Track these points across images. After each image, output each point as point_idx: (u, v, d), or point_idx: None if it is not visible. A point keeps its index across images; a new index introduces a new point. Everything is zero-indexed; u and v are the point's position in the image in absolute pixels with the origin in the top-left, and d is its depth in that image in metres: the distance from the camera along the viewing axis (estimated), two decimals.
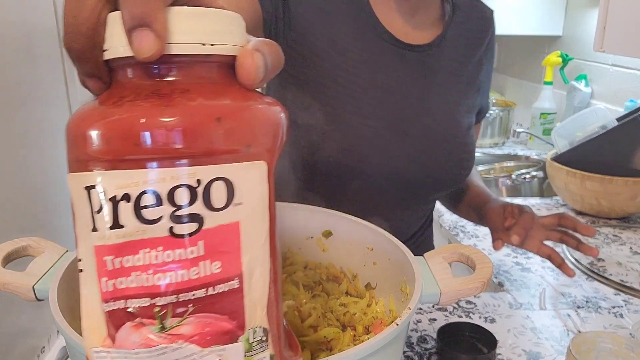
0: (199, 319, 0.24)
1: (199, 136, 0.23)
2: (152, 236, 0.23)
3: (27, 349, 0.82)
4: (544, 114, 1.81)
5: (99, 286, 0.24)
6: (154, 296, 0.23)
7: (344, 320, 0.58)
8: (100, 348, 0.24)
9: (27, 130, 0.94)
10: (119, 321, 0.23)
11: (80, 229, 0.25)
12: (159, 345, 0.23)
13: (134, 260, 0.23)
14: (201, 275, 0.23)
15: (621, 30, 1.01)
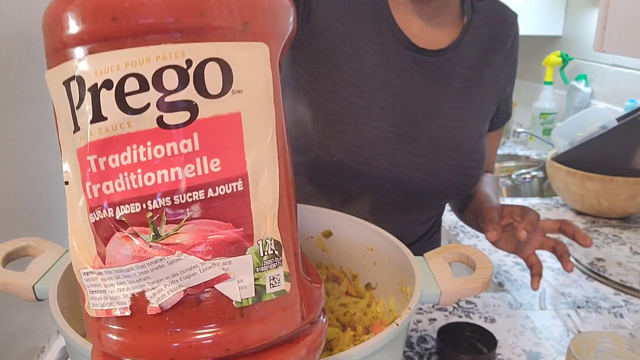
0: (199, 227, 0.20)
1: (187, 7, 0.20)
2: (138, 129, 0.20)
3: (27, 349, 0.82)
4: (544, 114, 1.81)
5: (84, 194, 0.21)
6: (145, 199, 0.20)
7: (344, 320, 0.58)
8: (89, 269, 0.22)
9: (26, 129, 0.94)
10: (108, 232, 0.21)
11: (63, 135, 0.22)
12: (153, 257, 0.20)
13: (120, 159, 0.20)
14: (198, 175, 0.20)
15: (621, 30, 1.01)
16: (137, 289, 0.20)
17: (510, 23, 0.78)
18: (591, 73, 1.72)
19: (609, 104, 1.62)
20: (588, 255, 0.99)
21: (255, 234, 0.21)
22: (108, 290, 0.21)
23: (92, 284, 0.22)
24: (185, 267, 0.20)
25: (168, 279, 0.20)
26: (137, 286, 0.20)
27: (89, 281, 0.22)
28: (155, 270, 0.20)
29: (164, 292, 0.20)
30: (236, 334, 0.21)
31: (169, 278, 0.20)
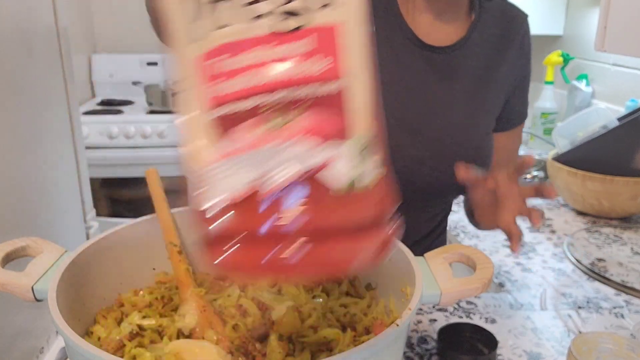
0: (313, 115, 0.23)
1: None
2: (256, 35, 0.23)
3: (26, 349, 0.82)
4: (545, 114, 1.80)
5: (204, 95, 0.23)
6: (264, 94, 0.22)
7: (344, 321, 0.58)
8: (211, 166, 0.24)
9: (26, 129, 0.94)
10: (229, 125, 0.23)
11: (177, 46, 0.24)
12: (274, 140, 0.23)
13: (239, 60, 0.23)
14: (308, 73, 0.23)
15: (622, 29, 1.00)
16: (256, 173, 0.22)
17: (520, 22, 0.79)
18: (592, 73, 1.72)
19: (610, 104, 1.61)
20: (589, 255, 0.99)
21: (358, 125, 0.25)
22: (229, 178, 0.23)
23: (214, 178, 0.24)
24: (302, 150, 0.23)
25: (286, 162, 0.23)
26: (256, 171, 0.23)
27: (213, 176, 0.24)
28: (275, 154, 0.22)
29: (281, 173, 0.23)
30: (338, 212, 0.24)
31: (287, 161, 0.23)
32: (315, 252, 0.23)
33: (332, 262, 0.25)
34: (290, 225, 0.23)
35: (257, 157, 0.22)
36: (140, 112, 2.18)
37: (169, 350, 0.49)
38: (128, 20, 2.52)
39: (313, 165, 0.23)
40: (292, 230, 0.23)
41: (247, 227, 0.24)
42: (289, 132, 0.23)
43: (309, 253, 0.23)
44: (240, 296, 0.60)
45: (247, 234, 0.24)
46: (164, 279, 0.64)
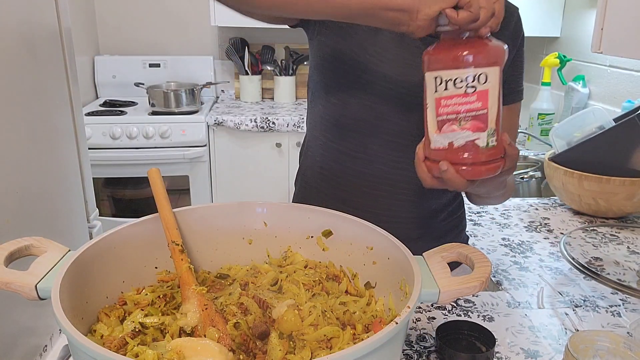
0: (472, 122, 0.57)
1: (488, 57, 0.56)
2: (457, 93, 0.56)
3: (29, 347, 0.82)
4: (542, 115, 1.81)
5: (436, 112, 0.58)
6: (457, 113, 0.57)
7: (343, 319, 0.58)
8: (435, 135, 0.59)
9: (29, 129, 0.94)
10: (443, 124, 0.58)
11: (430, 91, 0.58)
12: (457, 131, 0.57)
13: (451, 100, 0.57)
14: (472, 107, 0.56)
15: (619, 31, 1.01)
16: (449, 140, 0.58)
17: (510, 12, 0.84)
18: (589, 74, 1.73)
19: (607, 105, 1.62)
20: (586, 254, 1.00)
21: (489, 126, 0.58)
22: (440, 140, 0.59)
23: (435, 139, 0.59)
24: (467, 136, 0.57)
25: (462, 139, 0.57)
26: (449, 139, 0.58)
27: (435, 141, 0.59)
28: (457, 137, 0.58)
29: (460, 142, 0.58)
30: (485, 154, 0.59)
31: (462, 138, 0.57)
32: (476, 168, 0.59)
33: (483, 171, 0.59)
34: (468, 158, 0.58)
35: (453, 136, 0.58)
36: (142, 113, 2.19)
37: (171, 347, 0.50)
38: (131, 22, 2.53)
39: (474, 138, 0.57)
40: (469, 159, 0.58)
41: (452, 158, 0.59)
42: (463, 128, 0.57)
43: (474, 168, 0.59)
44: (241, 294, 0.60)
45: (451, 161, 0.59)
46: (166, 278, 0.65)
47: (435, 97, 0.57)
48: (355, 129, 0.82)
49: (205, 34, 2.54)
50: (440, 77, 0.57)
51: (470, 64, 0.55)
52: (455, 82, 0.56)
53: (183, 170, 2.16)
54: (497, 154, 0.59)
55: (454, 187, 0.59)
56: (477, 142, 0.57)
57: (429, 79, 0.58)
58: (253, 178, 2.19)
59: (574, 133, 1.26)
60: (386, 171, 0.83)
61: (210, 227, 0.68)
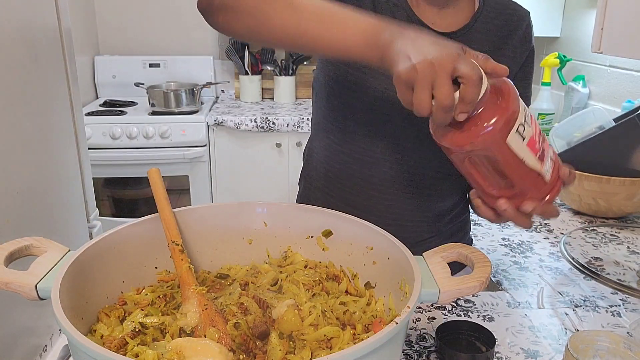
0: (546, 145, 0.57)
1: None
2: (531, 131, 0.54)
3: (29, 347, 0.82)
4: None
5: (533, 152, 0.55)
6: (542, 150, 0.56)
7: (343, 319, 0.58)
8: (544, 167, 0.57)
9: (29, 130, 0.94)
10: (543, 156, 0.56)
11: (519, 146, 0.53)
12: (548, 149, 0.57)
13: (534, 137, 0.55)
14: (538, 133, 0.55)
15: (619, 31, 1.01)
16: (552, 167, 0.59)
17: (521, 16, 0.85)
18: (589, 74, 1.73)
19: (607, 105, 1.62)
20: (586, 254, 1.00)
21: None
22: (548, 164, 0.58)
23: (547, 169, 0.57)
24: (552, 154, 0.59)
25: (549, 153, 0.58)
26: (550, 155, 0.59)
27: (547, 169, 0.57)
28: (550, 150, 0.59)
29: (551, 153, 0.59)
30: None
31: (549, 152, 0.58)
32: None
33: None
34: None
35: (546, 163, 0.58)
36: (142, 113, 2.19)
37: (171, 347, 0.50)
38: (131, 22, 2.53)
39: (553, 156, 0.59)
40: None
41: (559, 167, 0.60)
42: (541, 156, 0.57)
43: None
44: (241, 294, 0.60)
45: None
46: (166, 278, 0.65)
47: (526, 143, 0.54)
48: (359, 132, 0.82)
49: (205, 34, 2.54)
50: (521, 122, 0.53)
51: (516, 103, 0.53)
52: (526, 114, 0.54)
53: (183, 170, 2.16)
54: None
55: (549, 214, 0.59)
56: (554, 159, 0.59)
57: (513, 138, 0.53)
58: (253, 178, 2.19)
59: (574, 133, 1.26)
60: (391, 174, 0.83)
61: (210, 227, 0.68)
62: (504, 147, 0.52)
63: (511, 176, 0.56)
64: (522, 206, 0.57)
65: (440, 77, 0.47)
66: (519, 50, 0.84)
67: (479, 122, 0.51)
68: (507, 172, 0.55)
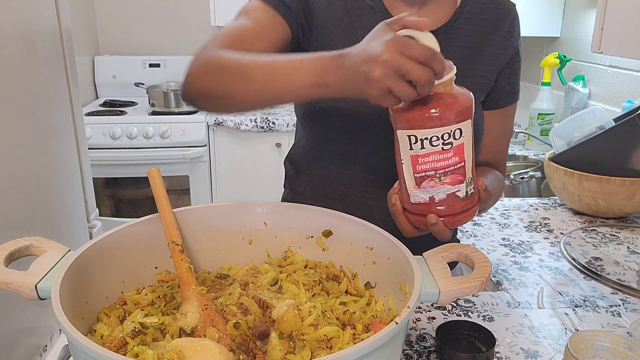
0: (450, 176, 0.58)
1: (460, 113, 0.56)
2: (434, 151, 0.56)
3: (29, 347, 0.82)
4: (542, 115, 1.81)
5: (413, 169, 0.58)
6: (436, 170, 0.58)
7: (343, 319, 0.58)
8: (414, 190, 0.60)
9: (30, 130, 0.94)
10: (422, 180, 0.59)
11: (404, 148, 0.58)
12: (437, 187, 0.58)
13: (428, 158, 0.57)
14: (450, 162, 0.57)
15: (619, 31, 1.01)
16: (430, 195, 0.59)
17: (507, 9, 0.83)
18: (589, 74, 1.73)
19: (606, 105, 1.62)
20: (586, 254, 1.00)
21: (467, 176, 0.59)
22: (420, 195, 0.60)
23: (415, 193, 0.61)
24: (447, 190, 0.59)
25: (443, 192, 0.59)
26: (430, 194, 0.59)
27: (414, 195, 0.61)
28: (438, 192, 0.59)
29: (441, 195, 0.59)
30: (463, 203, 0.61)
31: (443, 192, 0.59)
32: (457, 217, 0.62)
33: (463, 218, 0.62)
34: (449, 209, 0.61)
35: (433, 190, 0.59)
36: (142, 113, 2.19)
37: (171, 347, 0.50)
38: (131, 22, 2.53)
39: (455, 190, 0.59)
40: (449, 210, 0.61)
41: (433, 211, 0.61)
42: (442, 184, 0.59)
43: (455, 217, 0.62)
44: (241, 295, 0.60)
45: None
46: (166, 278, 0.65)
47: (411, 154, 0.58)
48: (340, 138, 0.81)
49: (205, 34, 2.53)
50: (415, 136, 0.56)
51: (444, 122, 0.55)
52: (431, 140, 0.56)
53: (183, 170, 2.16)
54: (474, 199, 0.62)
55: (441, 237, 0.62)
56: (457, 194, 0.59)
57: (402, 137, 0.58)
58: (253, 178, 2.19)
59: (574, 133, 1.26)
60: (372, 179, 0.82)
61: (210, 227, 0.68)
62: (396, 134, 0.59)
63: (397, 168, 0.62)
64: (389, 201, 0.64)
65: (402, 67, 0.51)
66: (503, 45, 0.82)
67: (410, 107, 0.57)
68: (395, 160, 0.61)
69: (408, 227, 0.64)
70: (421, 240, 0.88)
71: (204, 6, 2.26)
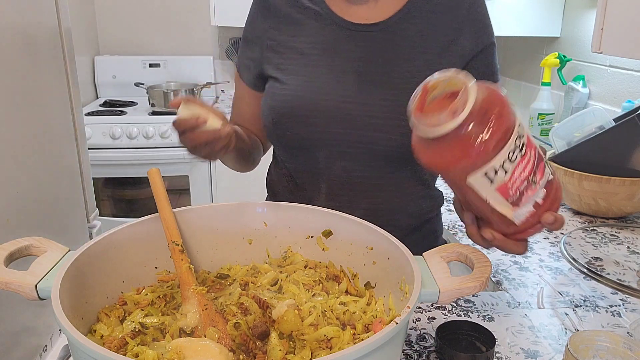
0: (539, 172, 0.51)
1: (510, 116, 0.48)
2: (516, 165, 0.49)
3: (29, 347, 0.82)
4: (542, 115, 1.81)
5: (505, 198, 0.51)
6: (527, 179, 0.50)
7: (343, 319, 0.58)
8: (514, 213, 0.52)
9: (29, 129, 0.94)
10: (519, 200, 0.51)
11: (484, 189, 0.50)
12: (536, 190, 0.52)
13: (515, 175, 0.49)
14: (532, 161, 0.50)
15: (619, 31, 1.01)
16: (534, 201, 0.53)
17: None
18: (589, 74, 1.73)
19: (607, 105, 1.62)
20: (586, 254, 1.00)
21: (544, 157, 0.55)
22: (524, 210, 0.53)
23: (518, 214, 0.53)
24: (543, 181, 0.53)
25: (541, 190, 0.52)
26: (533, 201, 0.53)
27: (517, 214, 0.53)
28: (539, 192, 0.52)
29: (541, 193, 0.52)
30: (557, 185, 0.55)
31: (541, 189, 0.52)
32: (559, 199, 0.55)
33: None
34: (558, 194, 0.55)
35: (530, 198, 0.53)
36: (142, 113, 2.19)
37: (171, 347, 0.50)
38: (131, 22, 2.53)
39: (549, 178, 0.54)
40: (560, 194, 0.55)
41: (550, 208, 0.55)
42: (539, 178, 0.52)
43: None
44: (241, 295, 0.60)
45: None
46: (166, 278, 0.65)
47: (496, 187, 0.49)
48: (302, 147, 0.82)
49: (205, 34, 2.54)
50: (493, 168, 0.48)
51: (508, 135, 0.47)
52: (510, 158, 0.48)
53: (183, 170, 2.16)
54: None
55: (558, 226, 0.56)
56: (549, 179, 0.52)
57: (477, 180, 0.49)
58: (253, 178, 2.19)
59: (574, 133, 1.26)
60: (339, 182, 0.83)
61: (210, 227, 0.68)
62: (464, 184, 0.50)
63: (475, 208, 0.54)
64: (482, 231, 0.56)
65: None
66: (467, 29, 0.80)
67: (447, 151, 0.48)
68: (471, 203, 0.53)
69: (521, 246, 0.57)
70: (421, 240, 0.88)
71: (204, 6, 2.26)
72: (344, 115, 0.78)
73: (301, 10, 0.83)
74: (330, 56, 0.80)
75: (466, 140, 0.47)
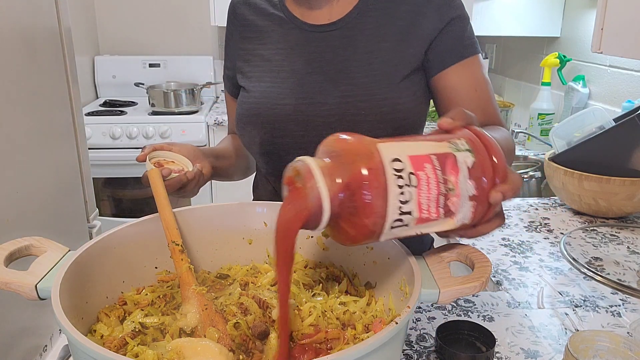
0: (449, 173, 0.47)
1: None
2: (421, 189, 0.45)
3: (29, 347, 0.82)
4: (542, 115, 1.81)
5: (428, 219, 0.47)
6: (438, 194, 0.46)
7: (343, 319, 0.58)
8: (455, 218, 0.49)
9: (29, 129, 0.94)
10: (447, 208, 0.48)
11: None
12: (460, 194, 0.48)
13: (423, 199, 0.46)
14: (436, 176, 0.46)
15: (619, 31, 1.01)
16: (470, 193, 0.50)
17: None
18: (589, 74, 1.73)
19: (607, 105, 1.62)
20: (586, 254, 1.00)
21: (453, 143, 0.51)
22: (465, 209, 0.50)
23: (459, 215, 0.50)
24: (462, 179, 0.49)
25: (463, 200, 0.49)
26: (468, 193, 0.50)
27: (458, 218, 0.50)
28: (459, 199, 0.49)
29: (469, 185, 0.49)
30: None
31: (463, 199, 0.49)
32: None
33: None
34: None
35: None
36: (142, 113, 2.19)
37: (171, 348, 0.50)
38: (131, 22, 2.53)
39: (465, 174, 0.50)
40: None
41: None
42: (452, 179, 0.48)
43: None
44: (241, 295, 0.60)
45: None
46: (166, 278, 0.65)
47: (415, 224, 0.46)
48: (270, 152, 0.85)
49: (205, 34, 2.53)
50: (393, 219, 0.44)
51: (383, 187, 0.43)
52: (404, 200, 0.44)
53: None
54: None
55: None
56: (470, 165, 0.49)
57: (393, 233, 0.46)
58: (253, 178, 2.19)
59: (574, 133, 1.26)
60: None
61: (210, 227, 0.68)
62: (390, 238, 0.47)
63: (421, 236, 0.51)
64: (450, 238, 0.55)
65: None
66: (429, 10, 0.79)
67: (344, 231, 0.45)
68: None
69: (496, 221, 0.56)
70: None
71: (204, 6, 2.26)
72: (302, 117, 0.80)
73: (266, 18, 0.85)
74: (293, 59, 0.82)
75: (349, 218, 0.43)
